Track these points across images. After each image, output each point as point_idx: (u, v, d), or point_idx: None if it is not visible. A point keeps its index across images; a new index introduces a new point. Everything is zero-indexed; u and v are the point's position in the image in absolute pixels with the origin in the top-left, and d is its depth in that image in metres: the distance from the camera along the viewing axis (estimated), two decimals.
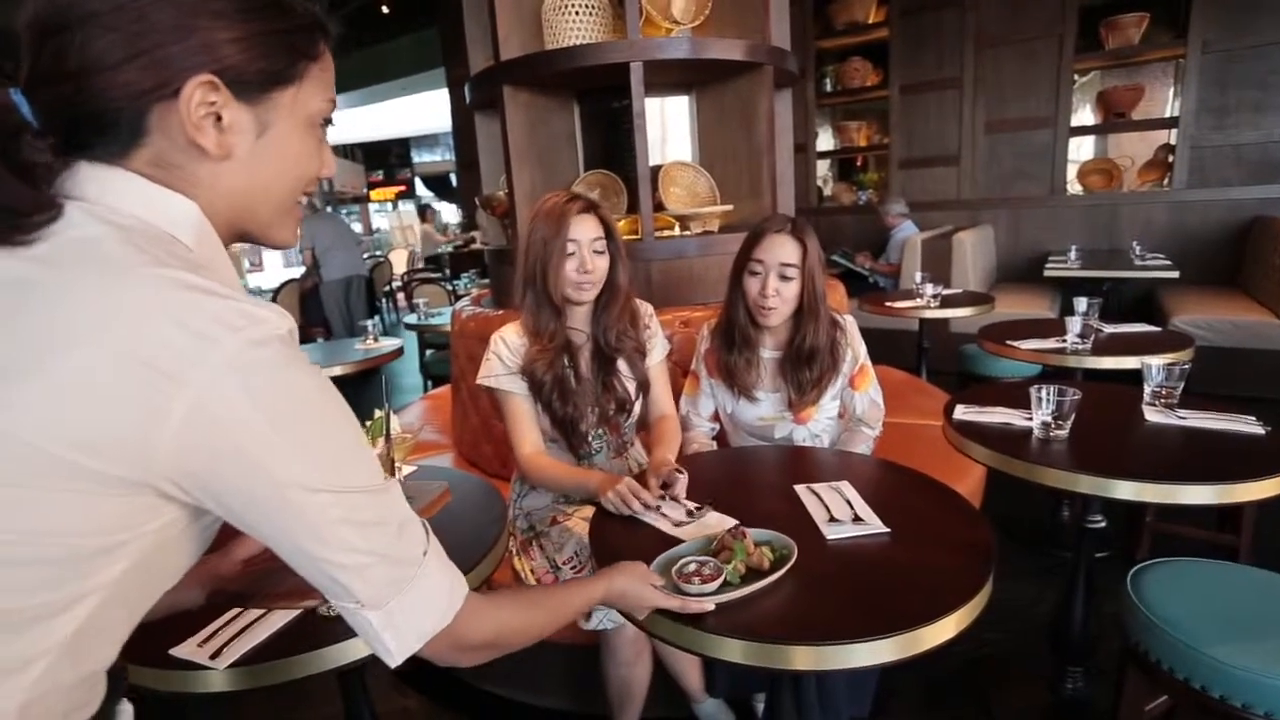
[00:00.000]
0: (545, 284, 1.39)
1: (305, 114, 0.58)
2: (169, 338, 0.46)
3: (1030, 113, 4.80)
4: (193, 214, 0.54)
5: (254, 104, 0.55)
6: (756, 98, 2.16)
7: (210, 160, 0.54)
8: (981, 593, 0.90)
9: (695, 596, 0.90)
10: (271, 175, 0.58)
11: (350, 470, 0.54)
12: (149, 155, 0.53)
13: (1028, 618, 1.92)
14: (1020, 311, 3.78)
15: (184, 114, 0.51)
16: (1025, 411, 1.48)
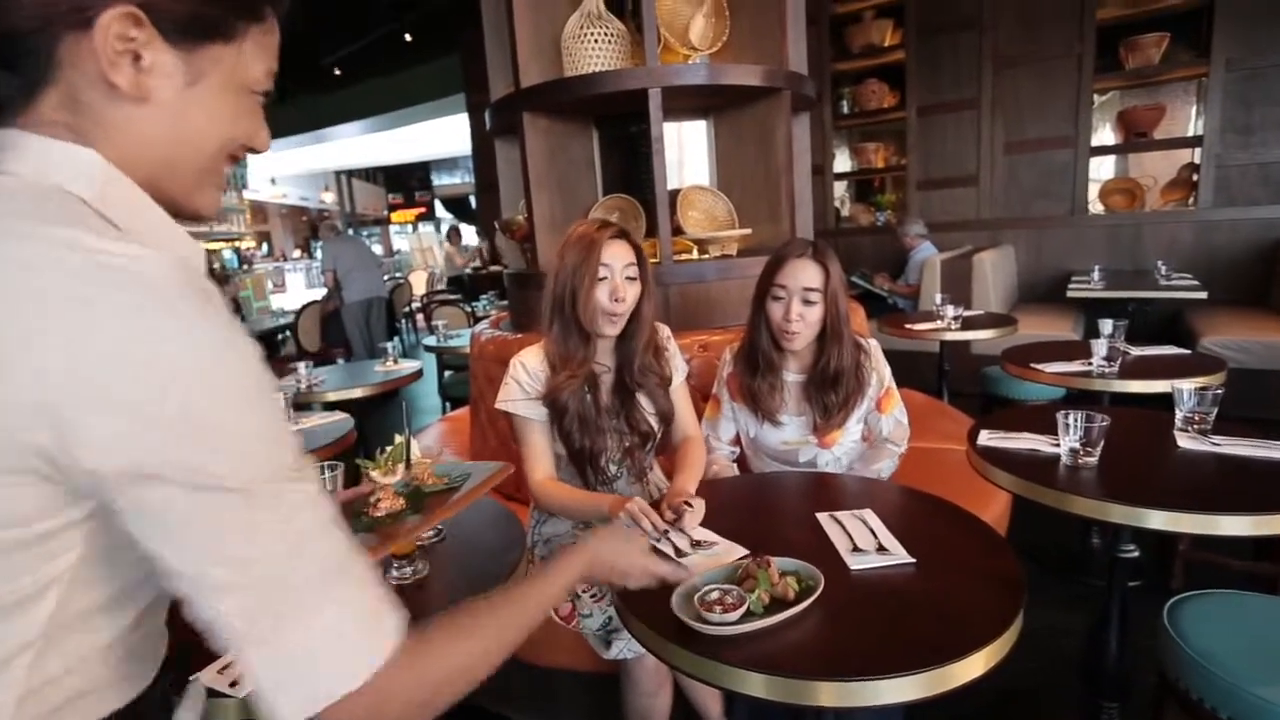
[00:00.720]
0: (575, 310, 1.37)
1: (244, 77, 0.55)
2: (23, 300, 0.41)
3: (1050, 133, 4.77)
4: (91, 163, 0.50)
5: (185, 50, 0.51)
6: (774, 122, 2.17)
7: (125, 102, 0.50)
8: (1013, 627, 0.87)
9: (716, 626, 0.88)
10: (198, 130, 0.54)
11: (230, 451, 0.44)
12: (59, 95, 0.49)
13: (1057, 648, 1.86)
14: (1043, 333, 3.73)
15: (99, 45, 0.47)
16: (1052, 437, 1.45)
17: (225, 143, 0.56)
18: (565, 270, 1.38)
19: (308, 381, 2.85)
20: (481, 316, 4.76)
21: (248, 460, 0.45)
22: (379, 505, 0.79)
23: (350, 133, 12.20)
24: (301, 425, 2.21)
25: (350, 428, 2.19)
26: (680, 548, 1.12)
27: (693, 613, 0.91)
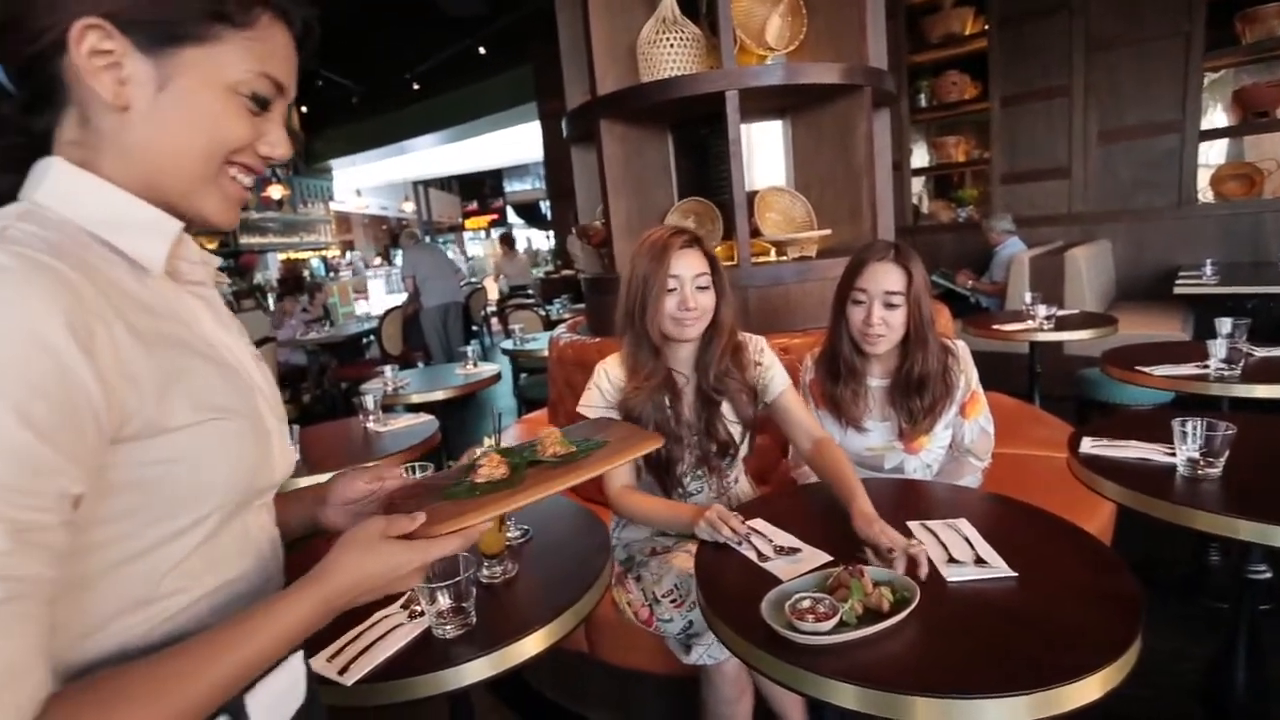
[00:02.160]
0: (644, 321, 1.37)
1: (220, 79, 0.55)
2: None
3: (1152, 118, 4.45)
4: (51, 168, 0.54)
5: (155, 56, 0.53)
6: (854, 120, 2.12)
7: (114, 111, 0.53)
8: (1130, 650, 0.82)
9: (809, 636, 0.86)
10: (177, 134, 0.55)
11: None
12: (77, 114, 0.54)
13: (1173, 674, 1.73)
14: (1145, 333, 3.48)
15: (75, 59, 0.51)
16: (1165, 446, 1.36)
17: (212, 145, 0.56)
18: (637, 279, 1.38)
19: (393, 384, 2.98)
20: (556, 320, 4.86)
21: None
22: (480, 472, 0.78)
23: (427, 144, 12.70)
24: (390, 426, 2.31)
25: (436, 429, 2.27)
26: (763, 553, 1.12)
27: (783, 621, 0.90)
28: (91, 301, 0.47)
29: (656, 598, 1.36)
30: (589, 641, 1.64)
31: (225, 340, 0.62)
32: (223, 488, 0.57)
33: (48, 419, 0.43)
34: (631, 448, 0.82)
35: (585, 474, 0.77)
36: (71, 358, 0.45)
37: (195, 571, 0.56)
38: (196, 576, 0.56)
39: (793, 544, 1.14)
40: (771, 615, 0.91)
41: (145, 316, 0.52)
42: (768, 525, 1.21)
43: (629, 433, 0.88)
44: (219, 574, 0.58)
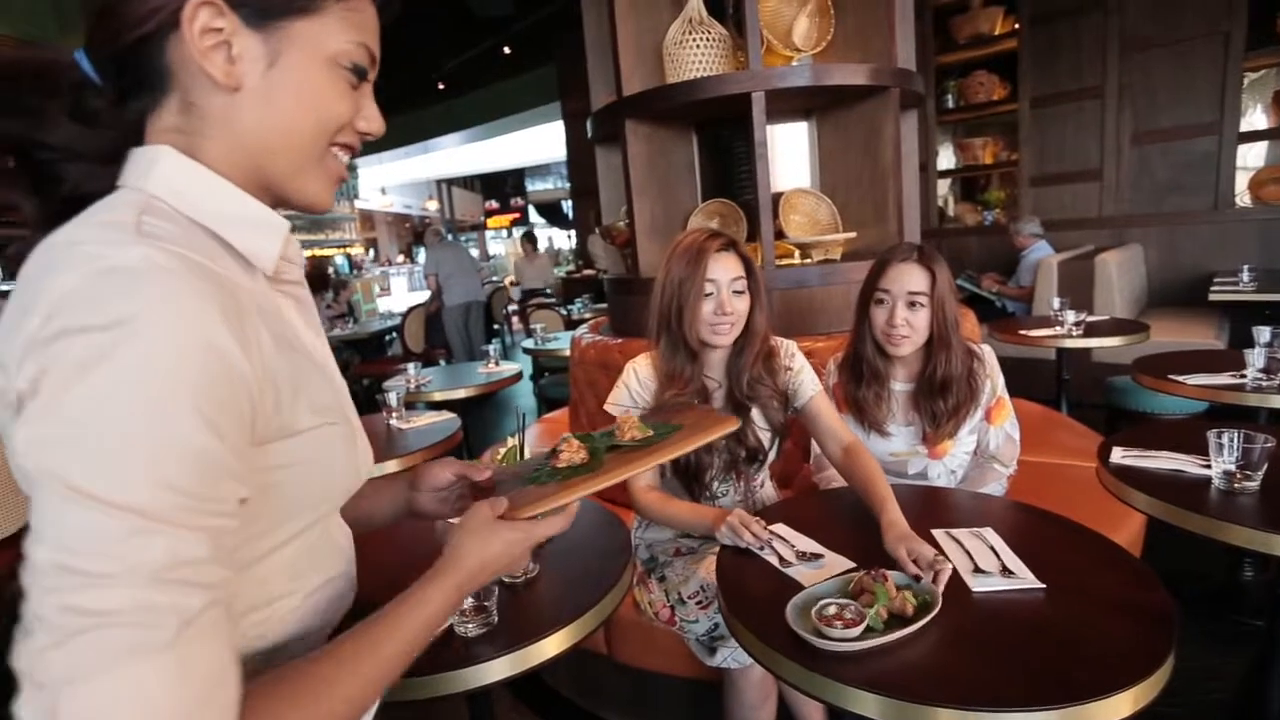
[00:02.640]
0: (680, 326, 1.35)
1: (324, 51, 0.54)
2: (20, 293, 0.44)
3: (1188, 120, 4.35)
4: (161, 156, 0.51)
5: (264, 31, 0.51)
6: (881, 121, 2.10)
7: (222, 92, 0.51)
8: (1164, 667, 0.80)
9: (837, 643, 0.86)
10: (288, 111, 0.53)
11: (97, 465, 0.39)
12: (178, 99, 0.52)
13: (1204, 692, 1.69)
14: (1178, 341, 3.40)
15: (188, 39, 0.49)
16: (1199, 457, 1.32)
17: (320, 123, 0.55)
18: (671, 283, 1.36)
19: (416, 381, 3.01)
20: (577, 320, 4.88)
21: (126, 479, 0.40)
22: (561, 457, 0.79)
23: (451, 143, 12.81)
24: (413, 423, 2.34)
25: (458, 426, 2.29)
26: (785, 558, 1.12)
27: (810, 626, 0.89)
28: (240, 301, 0.47)
29: (681, 598, 1.36)
30: (607, 642, 1.65)
31: (315, 341, 0.61)
32: (330, 490, 0.58)
33: (226, 424, 0.44)
34: (708, 430, 0.81)
35: (664, 455, 0.77)
36: (237, 360, 0.44)
37: (302, 572, 0.57)
38: (303, 577, 0.57)
39: (815, 550, 1.14)
40: (797, 621, 0.91)
41: (269, 317, 0.52)
42: (790, 530, 1.20)
43: (704, 415, 0.87)
44: (321, 572, 0.60)
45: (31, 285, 0.44)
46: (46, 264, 0.44)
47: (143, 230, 0.46)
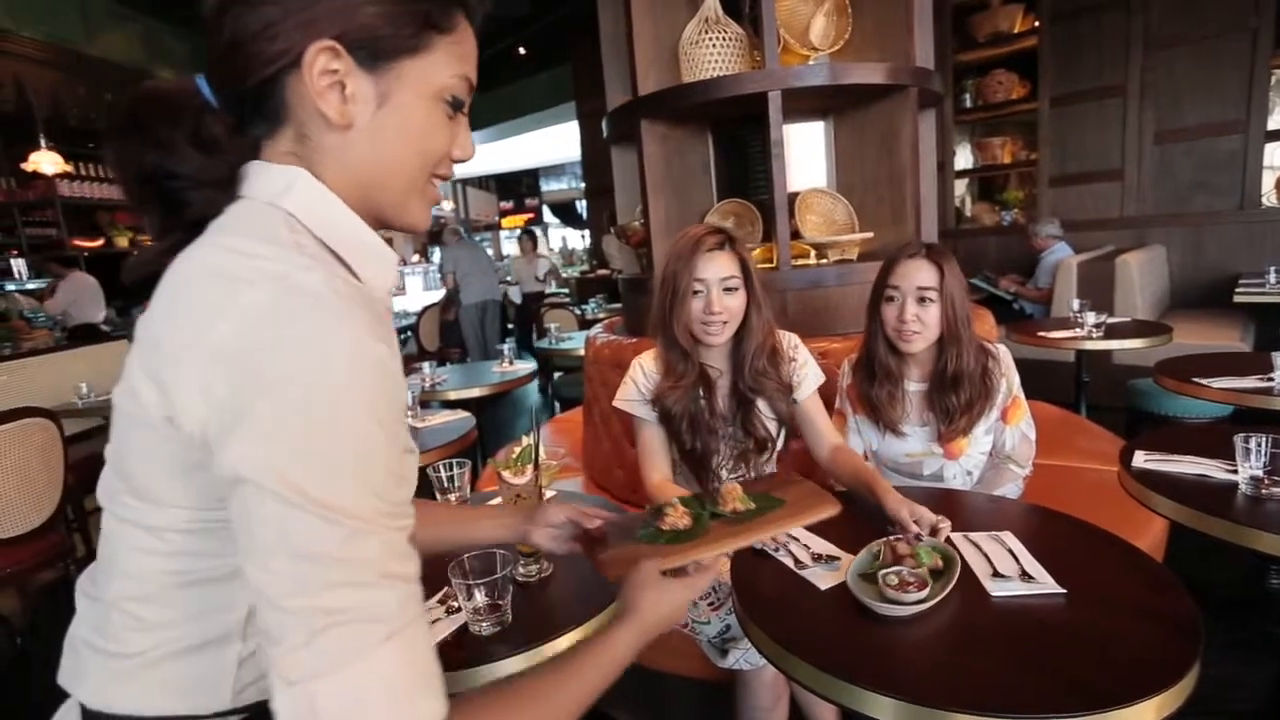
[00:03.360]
0: (672, 324, 1.38)
1: (430, 87, 0.56)
2: (195, 299, 0.47)
3: (1212, 118, 4.27)
4: (298, 179, 0.54)
5: (376, 73, 0.53)
6: (899, 121, 2.08)
7: (335, 130, 0.54)
8: (1189, 676, 0.79)
9: (913, 606, 0.91)
10: (394, 149, 0.56)
11: (321, 478, 0.43)
12: (293, 130, 0.55)
13: (1229, 701, 1.65)
14: (1201, 343, 3.34)
15: (308, 80, 0.52)
16: (1225, 462, 1.30)
17: (424, 157, 0.58)
18: (666, 281, 1.38)
19: (431, 380, 3.03)
20: (591, 320, 4.88)
21: (340, 485, 0.43)
22: (665, 520, 0.83)
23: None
24: (427, 422, 2.35)
25: (472, 425, 2.30)
26: (800, 559, 1.11)
27: (880, 595, 0.93)
28: (386, 324, 0.50)
29: (693, 600, 1.35)
30: None
31: None
32: None
33: (398, 436, 0.48)
34: (809, 510, 0.84)
35: (763, 534, 0.81)
36: (400, 378, 0.48)
37: None
38: None
39: (830, 551, 1.14)
40: (863, 592, 0.95)
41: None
42: (804, 532, 1.20)
43: (808, 493, 0.88)
44: None
45: (203, 295, 0.46)
46: (218, 275, 0.47)
47: (302, 251, 0.50)
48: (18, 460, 2.13)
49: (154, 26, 6.75)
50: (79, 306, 5.12)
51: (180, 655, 0.53)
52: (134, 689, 0.54)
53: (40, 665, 2.35)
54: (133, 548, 0.53)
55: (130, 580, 0.54)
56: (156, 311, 0.49)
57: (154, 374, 0.47)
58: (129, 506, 0.52)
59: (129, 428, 0.51)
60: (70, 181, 5.83)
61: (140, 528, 0.52)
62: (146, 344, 0.49)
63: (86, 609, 0.58)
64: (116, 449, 0.54)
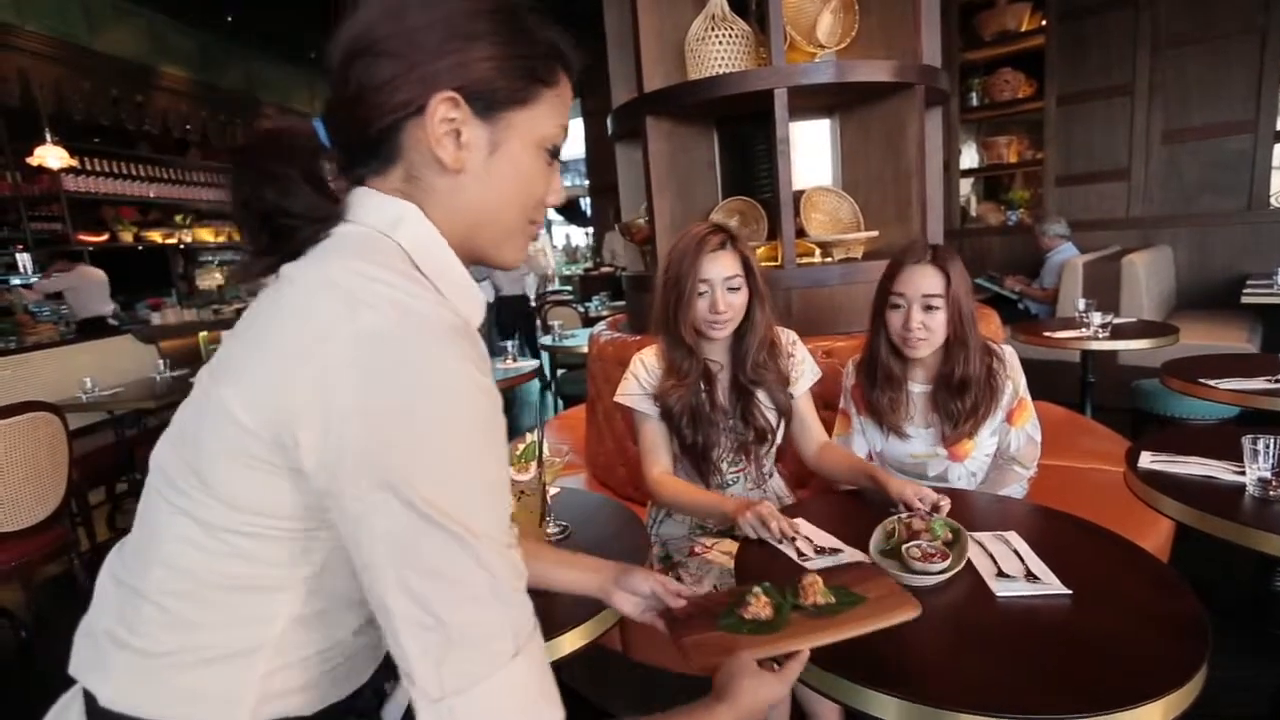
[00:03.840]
0: (677, 323, 1.39)
1: (535, 136, 0.60)
2: (308, 312, 0.50)
3: (1221, 118, 4.25)
4: (410, 214, 0.58)
5: (489, 122, 0.57)
6: (905, 119, 2.07)
7: (448, 174, 0.57)
8: (1196, 678, 0.78)
9: (938, 575, 0.98)
10: (500, 194, 0.60)
11: (453, 498, 0.46)
12: (403, 171, 0.58)
13: (1234, 705, 1.65)
14: (1208, 344, 3.32)
15: (429, 128, 0.55)
16: (1232, 463, 1.29)
17: (525, 201, 0.62)
18: (670, 282, 1.39)
19: None
20: (594, 317, 4.88)
21: (469, 505, 0.47)
22: (748, 609, 0.85)
23: None
24: None
25: None
26: (804, 552, 1.13)
27: (901, 566, 1.02)
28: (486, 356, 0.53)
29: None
30: (622, 639, 1.64)
31: None
32: None
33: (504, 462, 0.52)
34: (890, 612, 0.84)
35: (847, 634, 0.82)
36: (500, 406, 0.51)
37: None
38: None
39: (834, 544, 1.15)
40: (891, 568, 1.02)
41: None
42: (808, 525, 1.21)
43: (887, 591, 0.89)
44: None
45: (324, 310, 0.49)
46: (340, 292, 0.49)
47: (415, 280, 0.53)
48: (22, 454, 2.14)
49: (158, 21, 6.75)
50: (84, 299, 5.14)
51: (209, 662, 0.53)
52: (154, 691, 0.53)
53: (45, 658, 2.36)
54: (180, 539, 0.53)
55: (170, 572, 0.53)
56: (269, 320, 0.52)
57: (255, 379, 0.50)
58: (190, 498, 0.52)
59: (208, 423, 0.52)
60: (75, 176, 5.83)
61: (195, 522, 0.52)
62: (252, 347, 0.52)
63: (113, 595, 0.57)
64: (187, 436, 0.54)
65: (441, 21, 0.55)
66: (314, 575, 0.53)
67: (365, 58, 0.55)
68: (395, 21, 0.55)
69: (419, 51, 0.55)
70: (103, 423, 3.69)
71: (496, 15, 0.57)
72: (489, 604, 0.47)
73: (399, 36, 0.55)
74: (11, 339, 4.35)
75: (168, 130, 6.81)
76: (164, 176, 6.85)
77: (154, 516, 0.55)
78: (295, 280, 0.53)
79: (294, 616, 0.53)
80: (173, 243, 6.95)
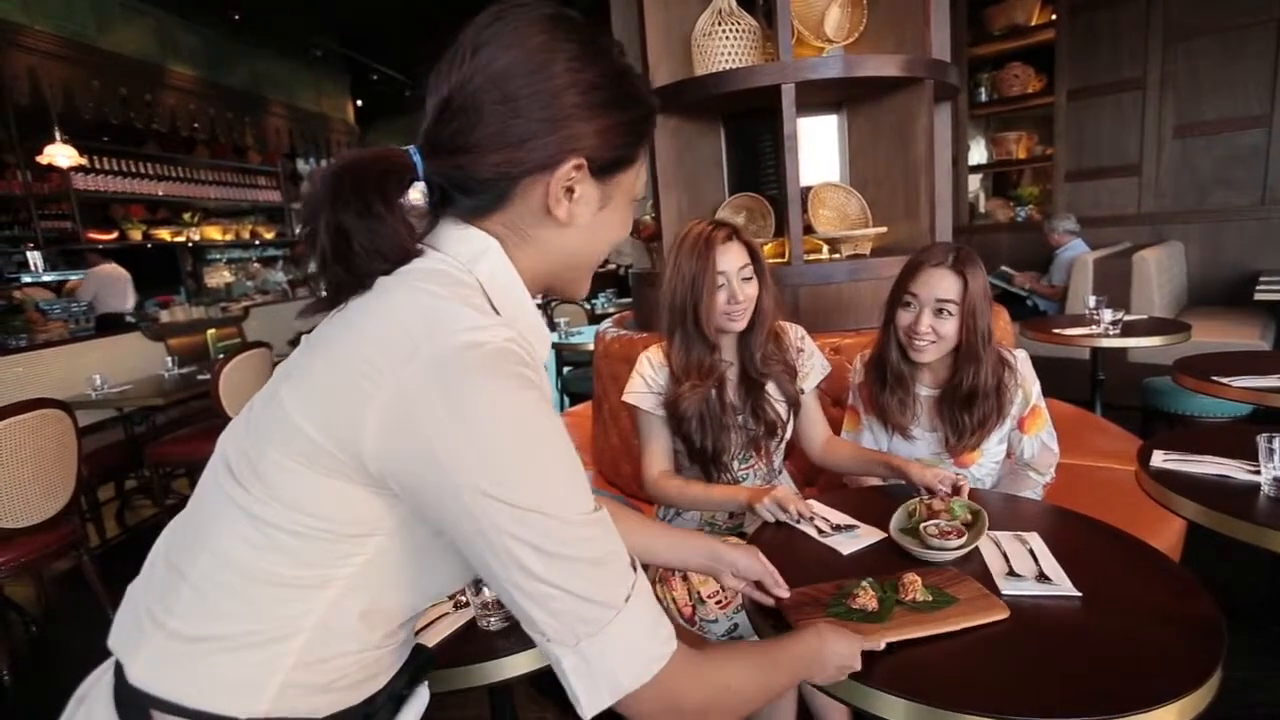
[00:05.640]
0: (697, 320, 1.38)
1: (634, 191, 0.65)
2: (388, 335, 0.53)
3: (1234, 112, 4.20)
4: (492, 250, 0.60)
5: (604, 182, 0.61)
6: (914, 114, 2.05)
7: (557, 226, 0.60)
8: (1211, 681, 0.77)
9: (954, 551, 1.03)
10: (600, 241, 0.65)
11: (540, 491, 0.52)
12: (506, 217, 0.61)
13: (1245, 706, 1.63)
14: (1220, 341, 3.29)
15: (551, 189, 0.58)
16: (1247, 463, 1.27)
17: (609, 246, 0.67)
18: (683, 280, 1.38)
19: None
20: (600, 314, 4.87)
21: (559, 499, 0.53)
22: (856, 599, 0.91)
23: None
24: None
25: None
26: (822, 529, 1.18)
27: (919, 542, 1.06)
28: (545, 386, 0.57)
29: (701, 598, 1.35)
30: None
31: None
32: None
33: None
34: (981, 612, 0.90)
35: (943, 628, 0.88)
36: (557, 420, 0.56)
37: None
38: None
39: (849, 522, 1.20)
40: (905, 539, 1.08)
41: None
42: (823, 506, 1.26)
43: (977, 594, 0.95)
44: None
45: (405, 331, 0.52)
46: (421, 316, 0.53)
47: (487, 314, 0.56)
48: (32, 451, 2.15)
49: (166, 20, 6.78)
50: (104, 296, 5.19)
51: (235, 652, 0.54)
52: (179, 675, 0.55)
53: (55, 653, 2.38)
54: (229, 532, 0.55)
55: (216, 560, 0.55)
56: (346, 337, 0.54)
57: (326, 395, 0.53)
58: (246, 490, 0.54)
59: (273, 423, 0.55)
60: (85, 175, 5.87)
61: (246, 515, 0.54)
62: (327, 362, 0.54)
63: (160, 576, 0.59)
64: (251, 430, 0.56)
65: (583, 86, 0.57)
66: (353, 579, 0.55)
67: (500, 106, 0.56)
68: (539, 78, 0.56)
69: (560, 113, 0.57)
70: (112, 419, 3.71)
71: (622, 81, 0.60)
72: (593, 567, 0.54)
73: (543, 95, 0.56)
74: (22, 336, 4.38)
75: (176, 128, 6.85)
76: (172, 175, 6.89)
77: (210, 503, 0.57)
78: (374, 302, 0.56)
79: (326, 618, 0.55)
80: (181, 240, 6.99)
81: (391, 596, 0.58)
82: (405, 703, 0.67)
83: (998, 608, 0.91)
